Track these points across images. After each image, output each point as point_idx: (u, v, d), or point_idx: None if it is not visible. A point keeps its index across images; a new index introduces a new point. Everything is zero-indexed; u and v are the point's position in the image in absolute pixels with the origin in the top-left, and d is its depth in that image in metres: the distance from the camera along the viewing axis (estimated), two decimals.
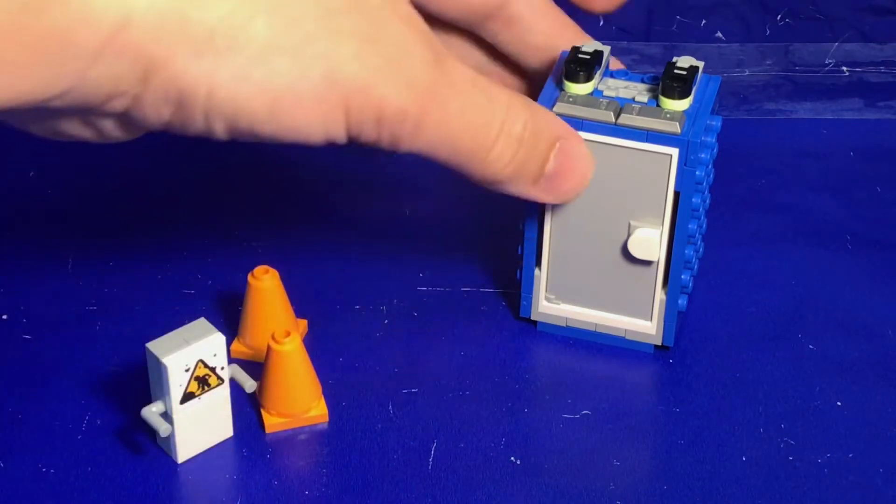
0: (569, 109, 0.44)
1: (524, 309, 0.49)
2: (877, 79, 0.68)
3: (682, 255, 0.46)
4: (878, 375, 0.48)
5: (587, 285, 0.48)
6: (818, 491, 0.43)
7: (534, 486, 0.43)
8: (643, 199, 0.45)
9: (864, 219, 0.58)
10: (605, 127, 0.44)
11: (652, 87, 0.46)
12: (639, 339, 0.48)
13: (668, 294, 0.47)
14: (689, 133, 0.43)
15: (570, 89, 0.44)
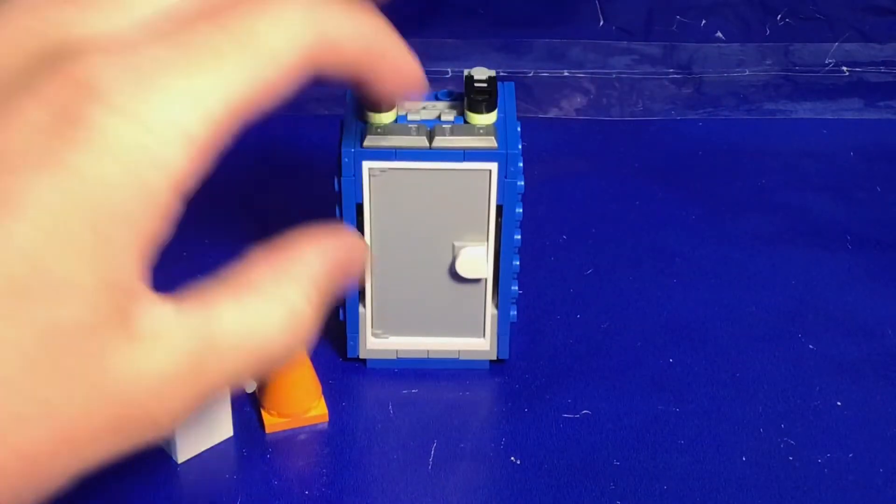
0: (380, 141, 0.43)
1: (351, 349, 0.48)
2: (877, 79, 0.68)
3: (511, 267, 0.45)
4: (878, 375, 0.48)
5: (416, 313, 0.47)
6: (818, 491, 0.43)
7: (534, 486, 0.43)
8: (465, 218, 0.44)
9: (864, 219, 0.58)
10: (421, 153, 0.43)
11: (452, 103, 0.45)
12: (474, 356, 0.48)
13: (500, 307, 0.46)
14: (505, 145, 0.43)
15: (374, 119, 0.43)
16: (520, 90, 0.67)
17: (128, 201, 0.26)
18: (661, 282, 0.53)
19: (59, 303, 0.26)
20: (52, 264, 0.25)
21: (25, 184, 0.25)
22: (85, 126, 0.26)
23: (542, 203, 0.59)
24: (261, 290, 0.30)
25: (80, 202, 0.26)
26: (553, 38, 0.70)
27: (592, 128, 0.66)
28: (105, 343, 0.27)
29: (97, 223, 0.26)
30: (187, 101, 0.27)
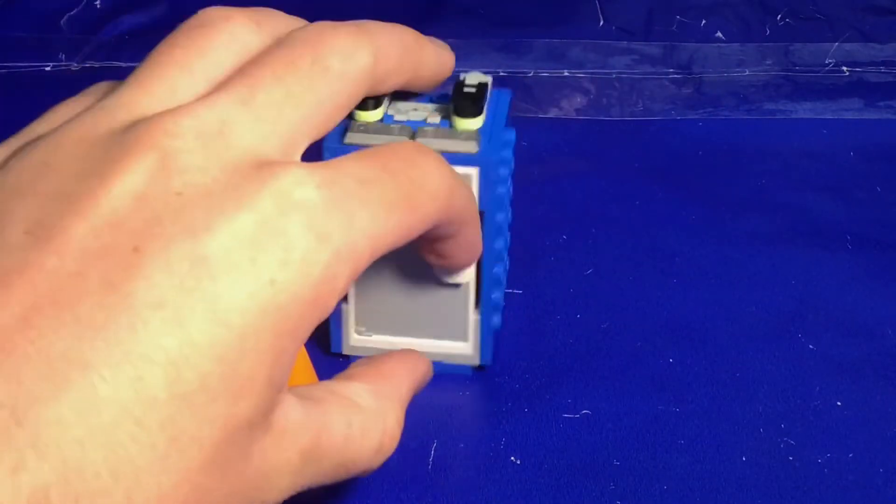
0: (361, 139, 0.42)
1: (335, 344, 0.47)
2: (877, 79, 0.68)
3: (493, 274, 0.45)
4: (878, 375, 0.48)
5: (399, 314, 0.46)
6: (818, 491, 0.43)
7: (534, 486, 0.43)
8: None
9: (864, 219, 0.58)
10: None
11: (442, 107, 0.44)
12: (456, 361, 0.47)
13: (482, 313, 0.46)
14: (486, 151, 0.42)
15: (360, 117, 0.43)
16: (520, 90, 0.67)
17: (303, 316, 0.28)
18: (661, 282, 0.53)
19: (238, 399, 0.27)
20: (239, 365, 0.26)
21: (228, 288, 0.26)
22: (284, 240, 0.27)
23: (542, 203, 0.59)
24: (363, 408, 0.33)
25: (272, 313, 0.27)
26: (553, 38, 0.70)
27: (592, 128, 0.66)
28: (254, 435, 0.28)
29: (280, 332, 0.27)
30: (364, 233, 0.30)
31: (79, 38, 0.71)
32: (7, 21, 0.71)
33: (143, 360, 0.25)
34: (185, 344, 0.25)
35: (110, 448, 0.24)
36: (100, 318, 0.25)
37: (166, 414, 0.25)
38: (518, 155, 0.47)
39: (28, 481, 0.23)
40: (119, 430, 0.24)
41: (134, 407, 0.25)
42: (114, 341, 0.25)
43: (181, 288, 0.26)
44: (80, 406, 0.24)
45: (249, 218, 0.27)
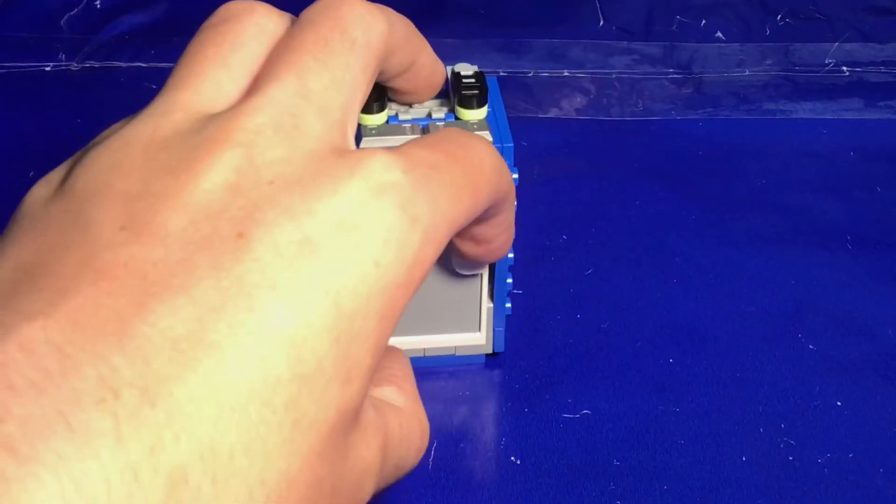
0: (377, 142, 0.42)
1: None
2: (877, 79, 0.68)
3: (506, 260, 0.45)
4: (878, 375, 0.48)
5: (412, 311, 0.46)
6: (818, 491, 0.43)
7: (534, 486, 0.43)
8: None
9: (864, 219, 0.58)
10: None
11: (440, 101, 0.44)
12: (470, 351, 0.48)
13: (496, 300, 0.46)
14: (498, 139, 0.43)
15: (366, 121, 0.43)
16: (520, 90, 0.67)
17: (400, 298, 0.28)
18: (661, 282, 0.53)
19: (349, 383, 0.27)
20: (351, 348, 0.27)
21: (337, 267, 0.27)
22: (381, 222, 0.28)
23: (542, 203, 0.59)
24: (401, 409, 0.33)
25: (378, 294, 0.28)
26: (553, 38, 0.70)
27: (592, 128, 0.66)
28: (350, 429, 0.28)
29: (384, 314, 0.28)
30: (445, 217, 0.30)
31: (79, 38, 0.71)
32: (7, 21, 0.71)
33: (264, 341, 0.25)
34: (302, 325, 0.26)
35: (242, 428, 0.24)
36: (217, 300, 0.25)
37: (289, 395, 0.25)
38: (518, 155, 0.47)
39: (166, 461, 0.23)
40: (249, 410, 0.24)
41: (261, 387, 0.25)
42: (234, 322, 0.25)
43: (291, 269, 0.26)
44: (210, 386, 0.24)
45: (346, 202, 0.27)
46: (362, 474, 0.29)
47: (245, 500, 0.24)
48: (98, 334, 0.24)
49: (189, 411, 0.24)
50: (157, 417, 0.23)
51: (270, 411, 0.25)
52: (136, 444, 0.23)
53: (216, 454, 0.24)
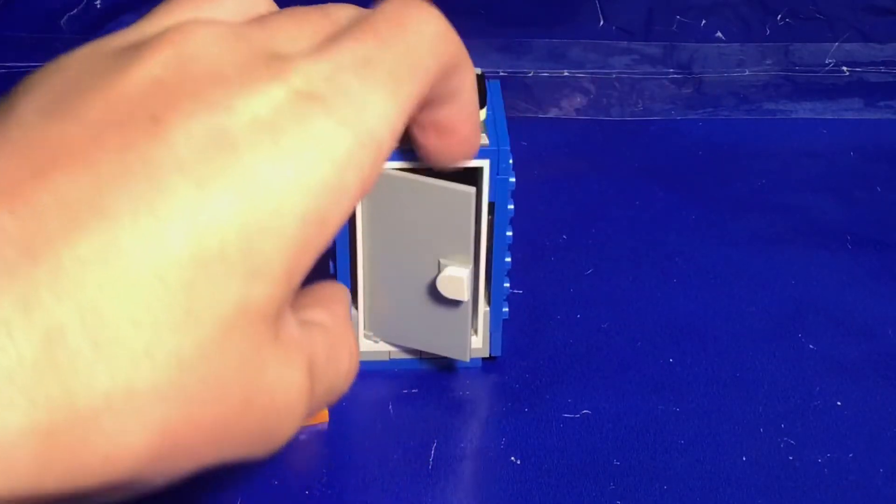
0: None
1: None
2: (877, 79, 0.68)
3: (503, 264, 0.45)
4: (878, 375, 0.48)
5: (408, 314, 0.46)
6: (818, 491, 0.43)
7: (534, 486, 0.43)
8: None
9: (864, 219, 0.58)
10: (410, 153, 0.42)
11: None
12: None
13: (492, 303, 0.46)
14: (496, 142, 0.43)
15: None
16: (520, 90, 0.67)
17: (330, 203, 0.27)
18: (661, 282, 0.53)
19: (254, 280, 0.26)
20: (260, 242, 0.26)
21: (252, 161, 0.26)
22: (303, 125, 0.27)
23: (542, 203, 0.59)
24: (330, 329, 0.32)
25: (297, 193, 0.27)
26: (553, 38, 0.70)
27: (592, 128, 0.66)
28: (265, 337, 0.27)
29: (306, 217, 0.27)
30: (382, 115, 0.29)
31: (79, 38, 0.71)
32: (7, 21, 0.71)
33: (165, 218, 0.24)
34: (207, 209, 0.25)
35: (131, 298, 0.24)
36: (120, 174, 0.25)
37: (187, 277, 0.24)
38: (518, 155, 0.47)
39: (42, 319, 0.22)
40: (141, 281, 0.24)
41: (155, 262, 0.24)
42: (135, 196, 0.24)
43: (203, 155, 0.26)
44: (101, 251, 0.24)
45: (267, 102, 0.27)
46: (288, 394, 0.28)
47: (128, 369, 0.23)
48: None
49: (74, 273, 0.23)
50: (37, 275, 0.23)
51: (164, 288, 0.24)
52: (10, 298, 0.22)
53: (100, 319, 0.23)
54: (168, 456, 0.25)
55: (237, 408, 0.26)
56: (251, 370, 0.26)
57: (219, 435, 0.26)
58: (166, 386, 0.24)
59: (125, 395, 0.23)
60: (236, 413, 0.26)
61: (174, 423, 0.25)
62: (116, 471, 0.24)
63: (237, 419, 0.26)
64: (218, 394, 0.26)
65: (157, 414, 0.24)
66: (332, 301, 0.34)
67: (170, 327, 0.24)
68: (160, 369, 0.24)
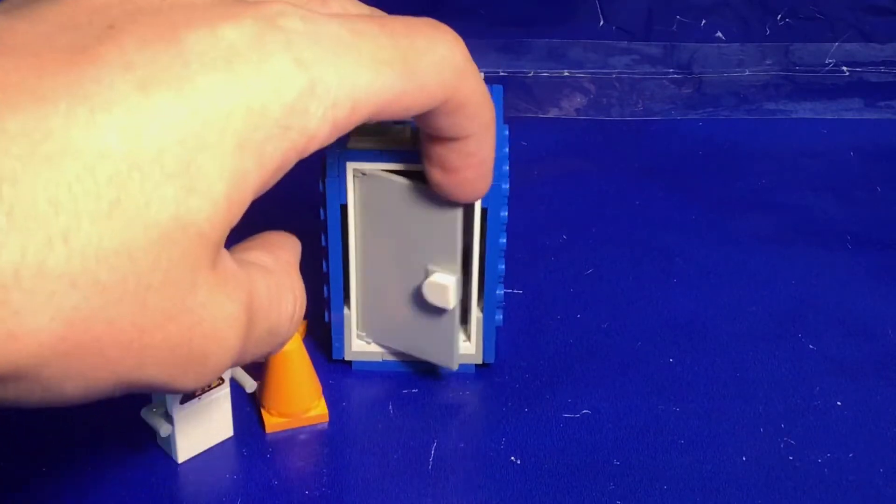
0: (363, 143, 0.42)
1: (336, 351, 0.47)
2: (877, 79, 0.68)
3: (496, 270, 0.45)
4: (878, 375, 0.48)
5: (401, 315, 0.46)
6: (818, 491, 0.43)
7: (534, 486, 0.43)
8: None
9: (864, 219, 0.58)
10: (404, 154, 0.42)
11: None
12: (460, 360, 0.47)
13: (485, 310, 0.46)
14: None
15: None
16: (520, 90, 0.67)
17: (269, 139, 0.27)
18: (661, 282, 0.53)
19: (191, 193, 0.26)
20: (198, 155, 0.26)
21: (201, 78, 0.26)
22: (261, 54, 0.27)
23: (543, 203, 0.59)
24: (272, 271, 0.32)
25: (239, 118, 0.27)
26: (553, 38, 0.70)
27: (592, 128, 0.66)
28: (200, 262, 0.27)
29: (245, 144, 0.27)
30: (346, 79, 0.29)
31: None
32: None
33: (100, 110, 0.25)
34: (147, 110, 0.25)
35: (51, 177, 0.24)
36: (63, 66, 0.25)
37: (117, 173, 0.25)
38: (518, 155, 0.47)
39: None
40: (65, 165, 0.24)
41: (85, 150, 0.24)
42: (74, 85, 0.25)
43: (153, 61, 0.26)
44: (29, 129, 0.24)
45: (231, 30, 0.27)
46: (218, 322, 0.28)
47: (41, 247, 0.23)
48: None
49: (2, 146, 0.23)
50: None
51: (90, 178, 0.24)
52: None
53: (17, 192, 0.23)
54: (77, 351, 0.25)
55: (159, 319, 0.26)
56: (181, 286, 0.26)
57: (135, 343, 0.26)
58: (80, 275, 0.24)
59: (35, 273, 0.23)
60: (157, 324, 0.26)
61: (85, 315, 0.25)
62: (19, 352, 0.24)
63: (158, 331, 0.26)
64: (138, 298, 0.25)
65: (68, 302, 0.24)
66: (276, 247, 0.34)
67: (91, 218, 0.24)
68: (75, 256, 0.24)
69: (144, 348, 0.26)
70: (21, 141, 0.23)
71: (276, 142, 0.28)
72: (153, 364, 0.27)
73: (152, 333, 0.26)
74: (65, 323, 0.24)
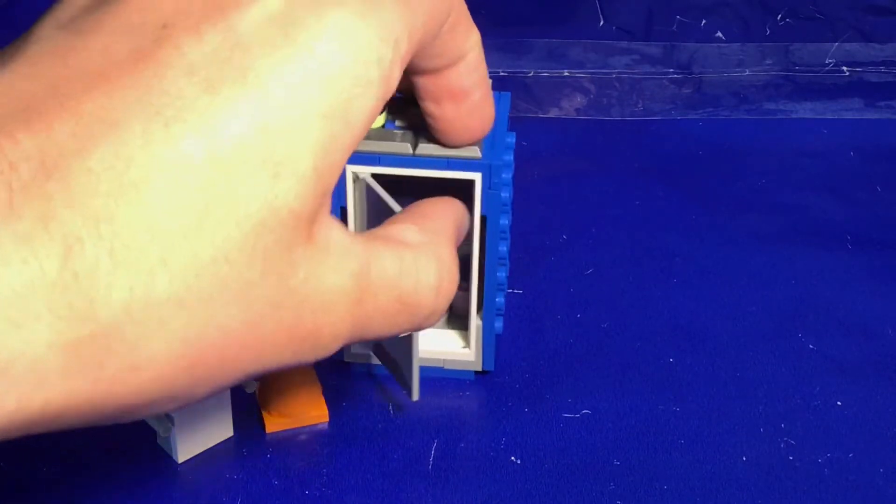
0: (364, 145, 0.42)
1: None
2: (877, 79, 0.68)
3: (495, 278, 0.45)
4: (878, 375, 0.48)
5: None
6: (818, 491, 0.43)
7: (534, 486, 0.43)
8: None
9: (864, 219, 0.58)
10: (404, 159, 0.42)
11: None
12: (458, 367, 0.47)
13: (484, 318, 0.46)
14: (489, 156, 0.42)
15: None
16: (520, 90, 0.67)
17: (352, 97, 0.27)
18: (661, 282, 0.53)
19: (279, 178, 0.26)
20: (281, 138, 0.26)
21: (265, 60, 0.26)
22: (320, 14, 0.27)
23: (542, 203, 0.59)
24: (412, 244, 0.32)
25: (316, 87, 0.26)
26: (553, 38, 0.70)
27: (592, 128, 0.66)
28: (297, 237, 0.27)
29: (327, 112, 0.27)
30: (395, 14, 0.28)
31: None
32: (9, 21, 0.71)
33: (174, 121, 0.24)
34: (219, 109, 0.25)
35: (141, 205, 0.24)
36: (129, 81, 0.25)
37: (202, 178, 0.24)
38: (518, 155, 0.47)
39: (59, 231, 0.23)
40: (150, 187, 0.24)
41: (166, 164, 0.24)
42: (145, 101, 0.24)
43: (213, 57, 0.25)
44: (110, 161, 0.24)
45: (279, 1, 0.27)
46: (324, 296, 0.28)
47: (145, 278, 0.23)
48: (8, 112, 0.24)
49: (85, 184, 0.23)
50: (50, 189, 0.23)
51: (177, 191, 0.24)
52: (29, 212, 0.23)
53: (114, 229, 0.23)
54: (199, 364, 0.25)
55: (266, 310, 0.26)
56: (281, 271, 0.26)
57: (249, 338, 0.26)
58: (185, 293, 0.24)
59: (144, 304, 0.24)
60: (266, 315, 0.26)
61: (198, 330, 0.25)
62: (145, 381, 0.24)
63: (269, 321, 0.26)
64: (242, 296, 0.25)
65: (179, 322, 0.24)
66: (426, 217, 0.34)
67: (185, 234, 0.24)
68: (177, 277, 0.24)
69: (259, 341, 0.26)
70: (106, 176, 0.23)
71: (361, 99, 0.27)
72: (272, 352, 0.27)
73: (264, 325, 0.26)
74: (179, 342, 0.24)
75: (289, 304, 0.27)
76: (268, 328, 0.26)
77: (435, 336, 0.47)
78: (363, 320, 0.29)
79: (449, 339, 0.47)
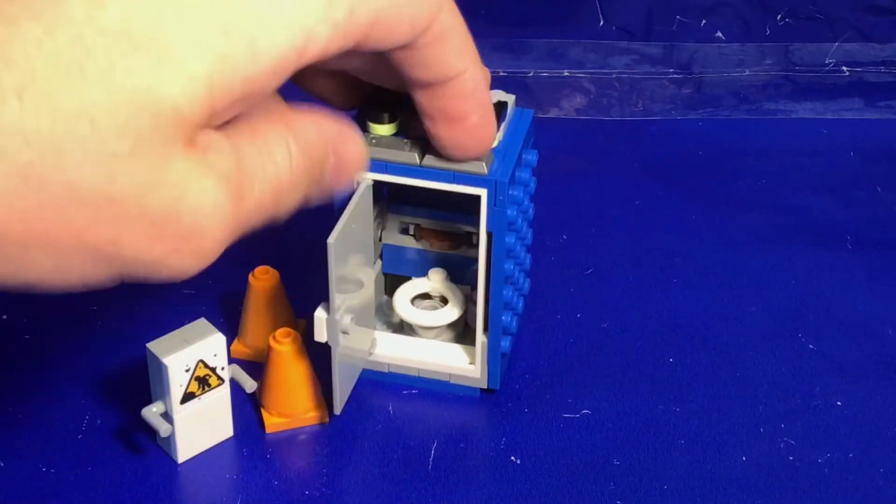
0: (372, 152, 0.42)
1: None
2: (877, 79, 0.68)
3: (501, 297, 0.44)
4: (878, 375, 0.48)
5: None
6: (818, 491, 0.43)
7: (534, 486, 0.43)
8: None
9: (864, 219, 0.58)
10: (411, 169, 0.42)
11: None
12: (464, 382, 0.47)
13: (490, 336, 0.45)
14: (497, 172, 0.41)
15: (374, 130, 0.42)
16: (520, 90, 0.67)
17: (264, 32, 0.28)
18: (661, 282, 0.53)
19: (162, 67, 0.26)
20: (167, 25, 0.27)
21: None
22: None
23: (542, 203, 0.59)
24: (267, 136, 0.32)
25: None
26: (553, 38, 0.70)
27: (592, 128, 0.66)
28: (176, 136, 0.27)
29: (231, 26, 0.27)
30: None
31: None
32: None
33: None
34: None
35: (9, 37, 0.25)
36: None
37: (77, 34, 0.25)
38: None
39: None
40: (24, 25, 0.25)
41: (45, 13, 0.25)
42: None
43: None
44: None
45: None
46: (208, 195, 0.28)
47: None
48: None
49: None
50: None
51: (51, 40, 0.25)
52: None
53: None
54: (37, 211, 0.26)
55: (131, 191, 0.27)
56: (154, 160, 0.27)
57: (105, 212, 0.26)
58: (34, 132, 0.25)
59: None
60: (129, 196, 0.27)
61: (39, 172, 0.25)
62: None
63: (132, 203, 0.27)
64: (103, 165, 0.26)
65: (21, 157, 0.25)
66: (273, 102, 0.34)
67: (48, 77, 0.25)
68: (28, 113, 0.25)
69: (118, 219, 0.27)
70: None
71: (271, 36, 0.28)
72: (133, 239, 0.27)
73: (125, 205, 0.27)
74: (19, 178, 0.25)
75: (163, 196, 0.27)
76: (131, 211, 0.27)
77: (443, 350, 0.47)
78: (240, 218, 0.30)
79: (456, 354, 0.47)
